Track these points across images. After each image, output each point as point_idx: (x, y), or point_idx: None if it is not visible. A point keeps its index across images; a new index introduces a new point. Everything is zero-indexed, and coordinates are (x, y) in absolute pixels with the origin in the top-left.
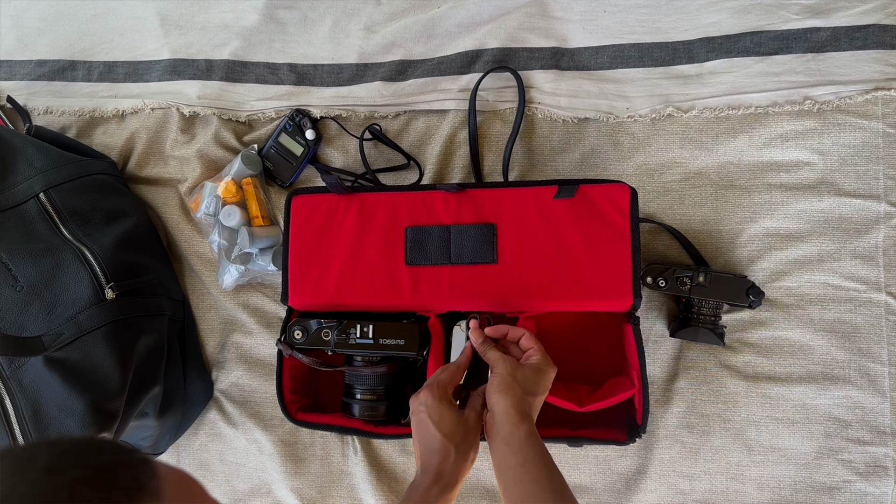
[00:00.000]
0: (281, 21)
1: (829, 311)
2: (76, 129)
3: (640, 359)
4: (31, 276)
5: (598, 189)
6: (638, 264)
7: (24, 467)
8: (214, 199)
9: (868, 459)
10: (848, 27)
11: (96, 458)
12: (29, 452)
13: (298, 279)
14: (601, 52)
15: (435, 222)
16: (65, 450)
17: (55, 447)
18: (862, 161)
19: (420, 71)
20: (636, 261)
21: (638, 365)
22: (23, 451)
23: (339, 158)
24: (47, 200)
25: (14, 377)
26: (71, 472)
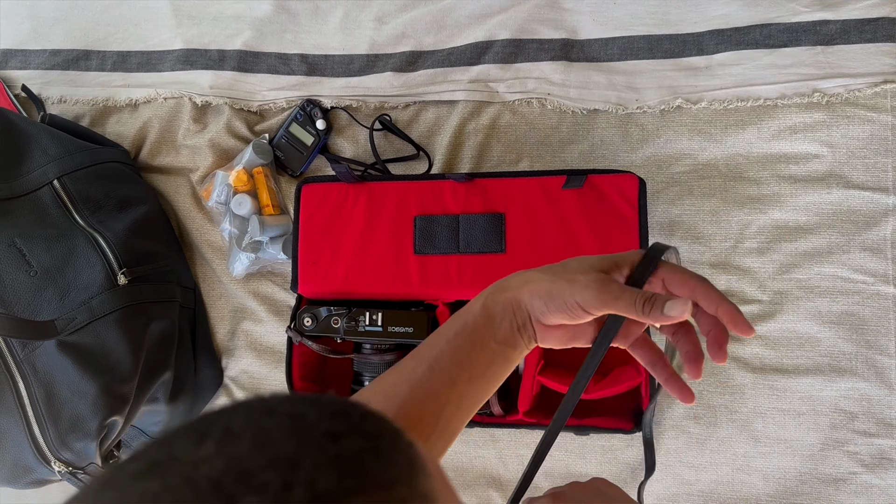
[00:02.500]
0: (293, 12)
1: (836, 304)
2: (90, 117)
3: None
4: (45, 261)
5: (606, 179)
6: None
7: (300, 428)
8: (226, 188)
9: (874, 451)
10: (857, 20)
11: (367, 424)
12: (296, 409)
13: (308, 267)
14: (611, 43)
15: (443, 211)
16: (335, 411)
17: (322, 408)
18: (871, 154)
19: (430, 62)
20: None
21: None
22: (291, 406)
23: (350, 148)
24: (61, 187)
25: (28, 360)
26: (353, 439)
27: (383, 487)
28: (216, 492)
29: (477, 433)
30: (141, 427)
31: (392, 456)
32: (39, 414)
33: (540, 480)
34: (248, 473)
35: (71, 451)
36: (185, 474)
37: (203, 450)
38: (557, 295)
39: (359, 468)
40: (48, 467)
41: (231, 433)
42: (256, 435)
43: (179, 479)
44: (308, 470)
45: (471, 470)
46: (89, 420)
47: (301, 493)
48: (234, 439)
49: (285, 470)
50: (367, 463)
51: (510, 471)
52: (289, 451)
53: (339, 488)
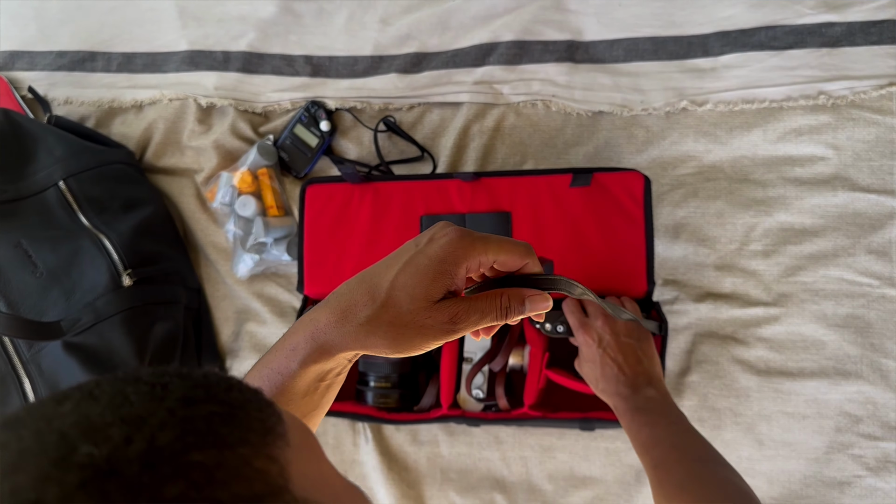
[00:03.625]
0: (297, 13)
1: (842, 307)
2: (95, 119)
3: (664, 340)
4: (51, 262)
5: (612, 177)
6: (652, 251)
7: (158, 393)
8: (230, 190)
9: (879, 455)
10: (863, 22)
11: (228, 395)
12: (160, 379)
13: (314, 268)
14: (616, 45)
15: (450, 210)
16: (197, 382)
17: (187, 378)
18: (876, 156)
19: (435, 63)
20: (650, 248)
21: (659, 347)
22: (154, 377)
23: (354, 150)
24: (67, 189)
25: (33, 360)
26: (206, 405)
27: (224, 446)
28: (59, 442)
29: (481, 435)
30: None
31: (246, 422)
32: None
33: (543, 482)
34: (94, 428)
35: None
36: (37, 428)
37: (61, 408)
38: (399, 348)
39: (204, 428)
40: None
41: (91, 395)
42: (114, 397)
43: (30, 431)
44: (152, 427)
45: (475, 472)
46: None
47: (139, 447)
48: (93, 401)
49: (130, 426)
50: (215, 425)
51: (514, 473)
52: (139, 411)
53: (178, 444)
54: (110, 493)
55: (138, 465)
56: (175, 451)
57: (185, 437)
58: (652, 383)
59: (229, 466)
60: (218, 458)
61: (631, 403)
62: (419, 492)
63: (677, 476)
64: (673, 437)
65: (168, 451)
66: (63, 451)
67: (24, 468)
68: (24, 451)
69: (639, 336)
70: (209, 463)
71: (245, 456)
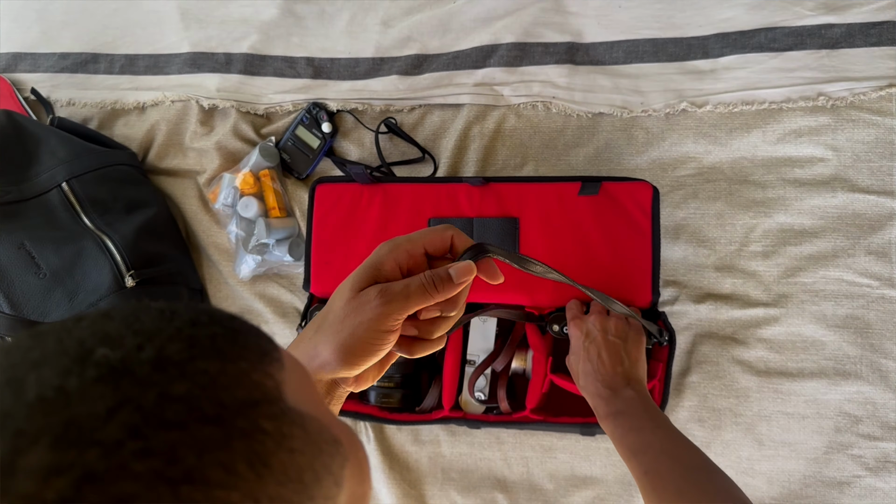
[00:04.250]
0: (299, 15)
1: (841, 307)
2: (98, 120)
3: (671, 350)
4: (54, 263)
5: (620, 186)
6: (658, 262)
7: (167, 316)
8: (232, 191)
9: (878, 455)
10: (862, 24)
11: (230, 322)
12: (168, 307)
13: (321, 266)
14: (616, 47)
15: (458, 214)
16: (201, 310)
17: (192, 308)
18: (875, 157)
19: (436, 65)
20: (656, 258)
21: (666, 356)
22: (163, 305)
23: (355, 151)
24: (69, 190)
25: None
26: (210, 327)
27: (226, 359)
28: (78, 347)
29: (482, 436)
30: None
31: (245, 342)
32: None
33: (544, 482)
34: (109, 337)
35: None
36: (58, 337)
37: (80, 324)
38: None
39: (209, 344)
40: None
41: (107, 316)
42: (127, 317)
43: (53, 340)
44: (162, 339)
45: (476, 472)
46: None
47: (149, 353)
48: (108, 319)
49: (142, 337)
50: (218, 342)
51: (515, 473)
52: (150, 327)
53: (185, 353)
54: (123, 386)
55: (149, 367)
56: (182, 358)
57: (191, 348)
58: (630, 384)
59: (230, 375)
60: (220, 367)
61: (612, 407)
62: (420, 491)
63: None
64: (662, 442)
65: (176, 359)
66: (82, 353)
67: (48, 364)
68: (47, 352)
69: (627, 337)
70: (212, 370)
71: (244, 369)
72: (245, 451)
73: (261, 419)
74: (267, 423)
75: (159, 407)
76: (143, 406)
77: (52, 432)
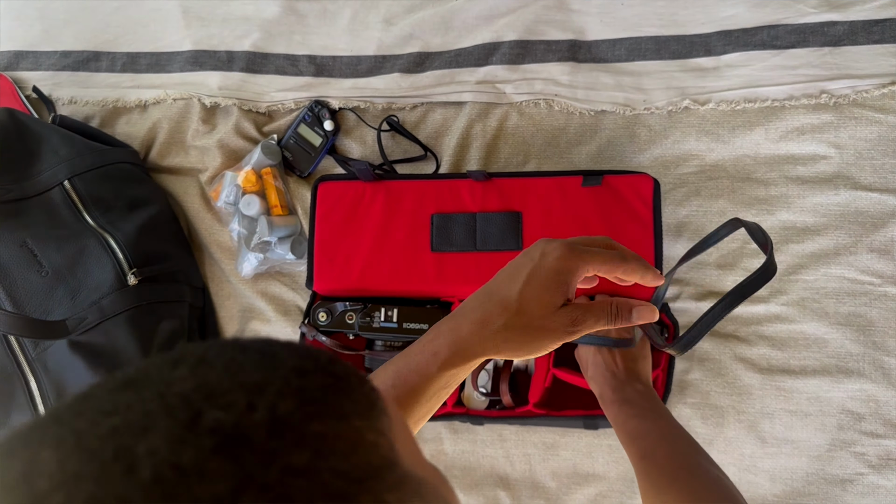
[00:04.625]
0: (301, 13)
1: (844, 305)
2: (99, 118)
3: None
4: (56, 261)
5: (622, 179)
6: (660, 253)
7: (269, 362)
8: (234, 189)
9: (881, 452)
10: (865, 21)
11: (333, 366)
12: (269, 348)
13: (324, 264)
14: (618, 44)
15: (461, 209)
16: (304, 354)
17: (293, 349)
18: (878, 155)
19: (438, 63)
20: (658, 250)
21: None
22: (262, 345)
23: (357, 149)
24: (71, 188)
25: (39, 360)
26: (317, 376)
27: (340, 417)
28: (184, 406)
29: (484, 433)
30: None
31: (353, 394)
32: None
33: (546, 479)
34: (215, 393)
35: None
36: (159, 391)
37: (177, 372)
38: (529, 350)
39: (320, 398)
40: None
41: (204, 361)
42: (228, 364)
43: (152, 393)
44: (272, 395)
45: (478, 469)
46: None
47: (263, 415)
48: (207, 366)
49: (251, 393)
50: (329, 396)
51: (517, 470)
52: (256, 378)
53: (299, 413)
54: (243, 457)
55: (265, 432)
56: (296, 420)
57: (304, 406)
58: (640, 380)
59: (347, 438)
60: (336, 428)
61: (618, 395)
62: None
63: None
64: (661, 430)
65: (290, 420)
66: (190, 415)
67: (155, 429)
68: (149, 412)
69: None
70: (329, 433)
71: (359, 428)
72: None
73: (384, 492)
74: (390, 495)
75: (283, 485)
76: (267, 486)
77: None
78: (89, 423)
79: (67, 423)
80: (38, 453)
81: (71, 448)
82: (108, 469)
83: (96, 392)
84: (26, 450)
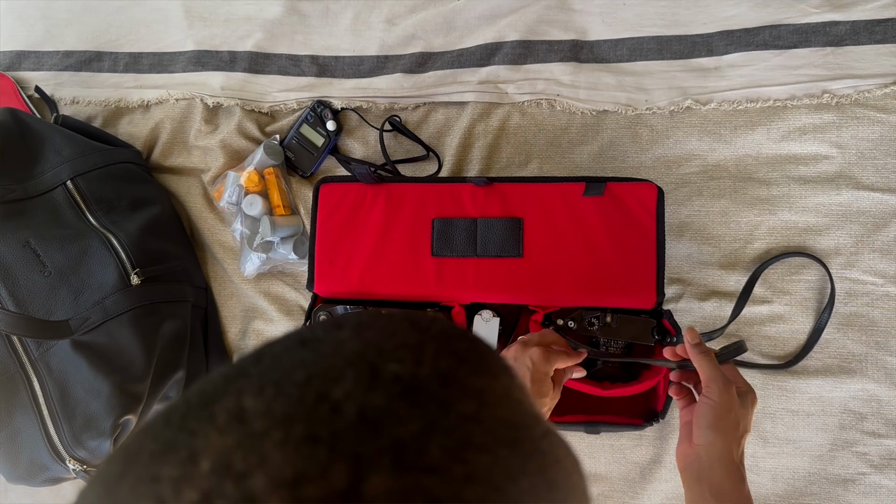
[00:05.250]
0: (303, 13)
1: (846, 305)
2: (102, 118)
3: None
4: (59, 261)
5: (625, 187)
6: (663, 263)
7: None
8: (237, 189)
9: (883, 452)
10: (867, 21)
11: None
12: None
13: (325, 266)
14: (620, 44)
15: (462, 215)
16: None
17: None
18: (880, 155)
19: (440, 63)
20: (661, 259)
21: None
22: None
23: (360, 149)
24: (74, 188)
25: (42, 359)
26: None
27: (492, 375)
28: (361, 360)
29: None
30: None
31: (493, 358)
32: (54, 412)
33: None
34: (384, 351)
35: (85, 450)
36: (333, 348)
37: (342, 334)
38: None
39: (471, 358)
40: (63, 465)
41: (362, 324)
42: (384, 328)
43: (329, 350)
44: (431, 353)
45: None
46: (103, 419)
47: (427, 370)
48: (367, 328)
49: (413, 351)
50: (475, 357)
51: None
52: (412, 339)
53: (459, 370)
54: (425, 404)
55: (437, 384)
56: (457, 374)
57: (460, 364)
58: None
59: (499, 393)
60: (491, 384)
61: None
62: None
63: None
64: None
65: (453, 375)
66: (370, 367)
67: (345, 378)
68: (334, 365)
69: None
70: (486, 387)
71: (506, 386)
72: (541, 476)
73: (538, 440)
74: (542, 443)
75: (462, 429)
76: (449, 429)
77: (388, 456)
78: (282, 374)
79: (257, 375)
80: (241, 400)
81: (273, 394)
82: (315, 410)
83: (274, 350)
84: (227, 397)
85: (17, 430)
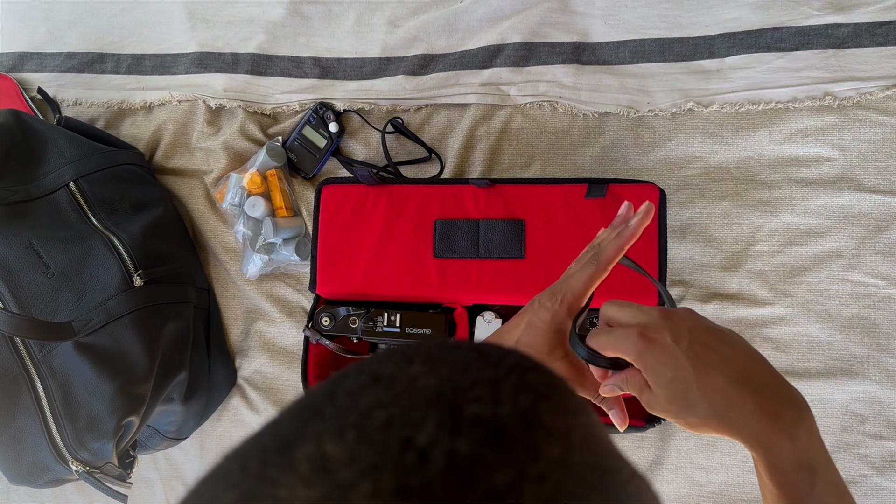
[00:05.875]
0: (305, 15)
1: (847, 307)
2: (105, 120)
3: None
4: (62, 263)
5: (627, 189)
6: (665, 265)
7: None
8: (239, 190)
9: (885, 454)
10: (869, 23)
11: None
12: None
13: (327, 268)
14: (622, 46)
15: (464, 216)
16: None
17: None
18: (882, 157)
19: (442, 65)
20: (663, 261)
21: None
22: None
23: (362, 151)
24: (77, 189)
25: (45, 361)
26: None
27: (572, 413)
28: (440, 400)
29: None
30: (156, 426)
31: (570, 393)
32: (57, 414)
33: None
34: (461, 388)
35: (88, 451)
36: (408, 386)
37: (414, 369)
38: None
39: (550, 395)
40: (66, 466)
41: (433, 358)
42: (455, 362)
43: (404, 388)
44: (508, 390)
45: None
46: (106, 420)
47: (508, 409)
48: (439, 363)
49: (491, 389)
50: (552, 393)
51: None
52: (488, 375)
53: (540, 408)
54: (512, 449)
55: (520, 425)
56: (539, 414)
57: (540, 401)
58: None
59: (581, 433)
60: (573, 423)
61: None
62: None
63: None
64: None
65: (533, 414)
66: (450, 408)
67: (427, 421)
68: (413, 406)
69: None
70: (569, 427)
71: (587, 425)
72: None
73: (626, 483)
74: (630, 486)
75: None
76: (542, 477)
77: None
78: (360, 416)
79: (333, 416)
80: (322, 446)
81: (354, 440)
82: (402, 459)
83: (346, 387)
84: (305, 442)
85: (20, 432)
